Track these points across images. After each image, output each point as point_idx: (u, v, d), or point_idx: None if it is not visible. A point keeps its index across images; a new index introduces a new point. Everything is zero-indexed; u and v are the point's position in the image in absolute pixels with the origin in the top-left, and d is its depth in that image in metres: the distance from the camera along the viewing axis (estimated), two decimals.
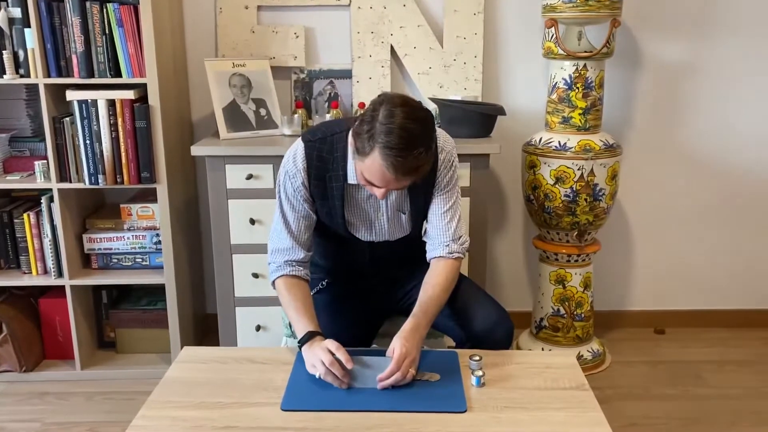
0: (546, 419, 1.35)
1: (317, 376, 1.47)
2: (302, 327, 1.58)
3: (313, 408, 1.38)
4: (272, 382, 1.48)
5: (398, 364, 1.46)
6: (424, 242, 1.86)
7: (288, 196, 1.68)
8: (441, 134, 1.69)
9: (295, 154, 1.66)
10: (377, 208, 1.71)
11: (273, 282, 1.71)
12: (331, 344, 1.49)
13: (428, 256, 1.73)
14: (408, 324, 1.56)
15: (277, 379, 1.48)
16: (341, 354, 1.47)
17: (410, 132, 1.43)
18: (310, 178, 1.65)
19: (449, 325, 1.78)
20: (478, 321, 1.71)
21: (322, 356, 1.47)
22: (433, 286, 1.65)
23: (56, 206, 2.35)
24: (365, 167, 1.49)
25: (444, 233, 1.70)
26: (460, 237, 1.71)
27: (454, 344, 1.81)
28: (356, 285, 1.84)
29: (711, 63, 2.65)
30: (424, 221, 1.79)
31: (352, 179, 1.63)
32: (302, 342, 1.56)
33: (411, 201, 1.71)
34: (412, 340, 1.52)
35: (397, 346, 1.49)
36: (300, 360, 1.55)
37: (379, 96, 1.50)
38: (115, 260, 2.48)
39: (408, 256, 1.84)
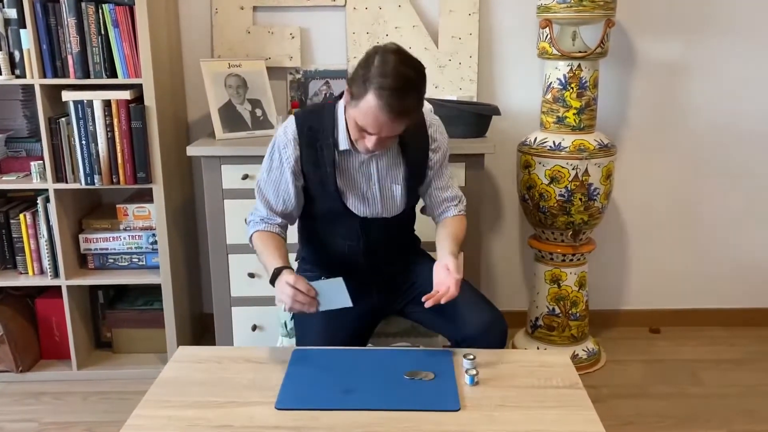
0: (539, 418, 1.36)
1: (284, 310, 1.58)
2: (271, 266, 1.64)
3: (308, 407, 1.38)
4: (267, 381, 1.48)
5: (455, 283, 1.59)
6: (418, 238, 1.88)
7: (272, 169, 1.73)
8: (437, 121, 1.83)
9: (285, 126, 1.73)
10: (368, 177, 1.75)
11: (250, 239, 1.78)
12: (288, 277, 1.56)
13: (441, 218, 1.85)
14: (445, 260, 1.66)
15: (273, 379, 1.49)
16: (300, 284, 1.54)
17: (404, 75, 1.51)
18: (301, 147, 1.70)
19: (444, 325, 1.79)
20: (472, 323, 1.72)
21: (284, 289, 1.54)
22: (454, 231, 1.78)
23: (52, 206, 2.35)
24: (359, 112, 1.55)
25: (452, 198, 1.85)
26: (461, 197, 1.89)
27: (449, 344, 1.81)
28: (352, 284, 1.84)
29: (705, 63, 2.67)
30: (417, 203, 1.87)
31: (343, 145, 1.68)
32: (272, 280, 1.61)
33: (406, 172, 1.76)
34: (454, 273, 1.62)
35: (444, 279, 1.61)
36: (295, 359, 1.56)
37: (373, 47, 1.58)
38: (112, 260, 2.49)
39: (402, 250, 1.85)
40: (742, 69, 2.67)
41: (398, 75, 1.50)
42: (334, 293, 1.58)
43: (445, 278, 1.62)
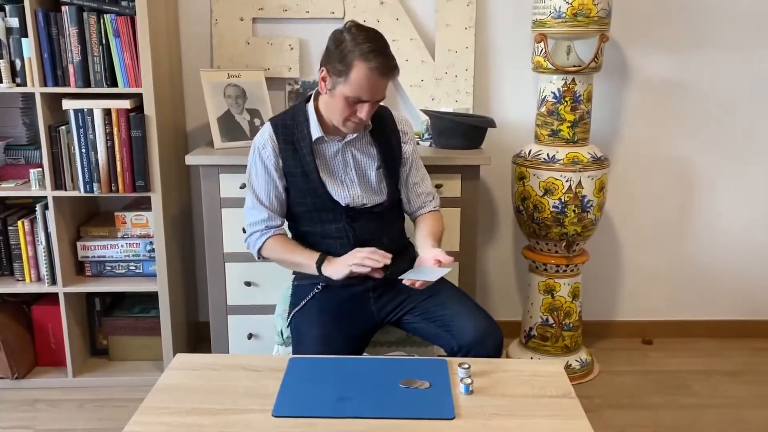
0: (533, 426, 1.38)
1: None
2: (309, 255, 1.82)
3: (305, 414, 1.39)
4: (264, 388, 1.50)
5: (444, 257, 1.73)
6: (411, 244, 1.94)
7: (257, 171, 1.85)
8: (404, 117, 1.99)
9: (261, 131, 1.88)
10: (345, 164, 1.87)
11: (259, 249, 1.89)
12: (356, 249, 1.75)
13: (418, 213, 1.98)
14: (428, 243, 1.84)
15: (269, 386, 1.50)
16: (370, 249, 1.73)
17: (376, 37, 1.70)
18: (279, 144, 1.83)
19: (440, 334, 1.81)
20: (468, 331, 1.74)
21: (356, 254, 1.72)
22: (434, 225, 1.93)
23: (51, 214, 2.37)
24: (350, 86, 1.68)
25: (427, 194, 1.98)
26: (435, 194, 2.02)
27: (444, 354, 1.83)
28: (349, 290, 1.86)
29: (697, 78, 2.71)
30: (397, 196, 1.96)
31: (316, 134, 1.82)
32: (320, 263, 1.79)
33: (379, 159, 1.88)
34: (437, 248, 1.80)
35: (435, 251, 1.76)
36: (292, 367, 1.57)
37: (331, 33, 1.74)
38: (109, 268, 2.50)
39: (394, 250, 1.88)
40: (733, 84, 2.71)
41: (373, 38, 1.69)
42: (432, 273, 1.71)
43: (433, 253, 1.76)
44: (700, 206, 2.84)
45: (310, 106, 1.84)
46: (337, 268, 1.77)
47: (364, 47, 1.66)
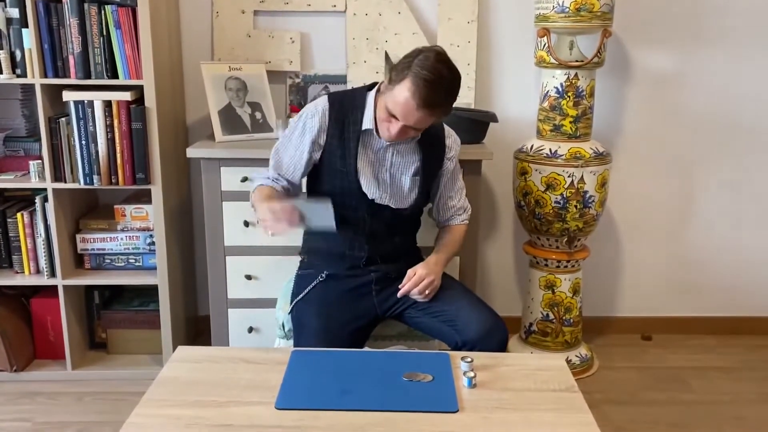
0: (536, 420, 1.38)
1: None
2: (268, 199, 1.77)
3: (308, 407, 1.39)
4: (267, 381, 1.49)
5: (415, 281, 1.78)
6: (419, 249, 1.92)
7: (293, 136, 1.86)
8: (454, 135, 1.98)
9: (317, 102, 1.87)
10: (383, 162, 1.86)
11: (252, 192, 1.88)
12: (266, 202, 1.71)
13: (446, 224, 2.01)
14: (432, 257, 1.88)
15: (272, 379, 1.50)
16: (276, 203, 1.68)
17: (440, 71, 1.65)
18: (330, 120, 1.82)
19: (443, 329, 1.81)
20: (473, 327, 1.74)
21: (263, 212, 1.68)
22: (452, 237, 1.97)
23: (50, 206, 2.35)
24: (392, 97, 1.68)
25: (458, 209, 2.01)
26: (468, 208, 2.04)
27: (448, 349, 1.83)
28: (353, 279, 1.86)
29: (699, 73, 2.71)
30: (426, 205, 1.99)
31: (367, 125, 1.81)
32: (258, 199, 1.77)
33: (418, 169, 1.88)
34: (434, 267, 1.83)
35: (419, 267, 1.81)
36: (294, 360, 1.57)
37: (422, 46, 1.73)
38: (108, 261, 2.49)
39: (402, 253, 1.88)
40: (736, 79, 2.71)
41: (435, 70, 1.64)
42: (321, 213, 1.67)
43: (417, 267, 1.81)
44: (700, 203, 2.84)
45: (371, 95, 1.83)
46: (259, 208, 1.76)
47: (422, 73, 1.62)
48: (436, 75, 1.63)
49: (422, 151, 1.87)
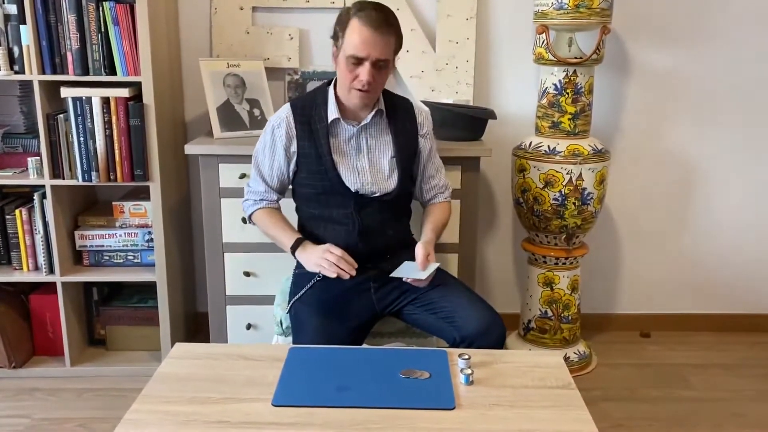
0: (533, 417, 1.38)
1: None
2: (289, 236, 1.88)
3: (305, 404, 1.39)
4: (264, 378, 1.49)
5: (424, 259, 1.79)
6: (412, 235, 1.94)
7: (266, 147, 1.91)
8: (426, 111, 2.01)
9: (279, 111, 1.93)
10: (358, 149, 1.89)
11: (250, 216, 1.99)
12: (330, 246, 1.80)
13: (429, 203, 2.03)
14: (424, 237, 1.89)
15: (269, 376, 1.50)
16: (342, 252, 1.78)
17: (375, 4, 1.77)
18: (296, 124, 1.87)
19: (441, 326, 1.81)
20: (472, 323, 1.74)
21: (326, 255, 1.77)
22: (440, 216, 1.99)
23: (48, 203, 2.36)
24: (347, 43, 1.74)
25: (440, 187, 2.03)
26: (449, 185, 2.06)
27: (444, 345, 1.83)
28: (349, 281, 1.86)
29: (699, 70, 2.70)
30: (408, 187, 1.98)
31: (333, 115, 1.85)
32: (294, 248, 1.86)
33: (394, 149, 1.90)
34: (428, 247, 1.83)
35: (419, 247, 1.80)
36: (292, 357, 1.57)
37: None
38: (107, 257, 2.49)
39: (398, 244, 1.87)
40: (736, 77, 2.71)
41: (370, 3, 1.77)
42: (411, 269, 1.79)
43: (418, 246, 1.82)
44: (699, 200, 2.84)
45: (330, 89, 1.88)
46: (308, 259, 1.83)
47: (361, 9, 1.73)
48: (373, 4, 1.77)
49: (394, 130, 1.90)
